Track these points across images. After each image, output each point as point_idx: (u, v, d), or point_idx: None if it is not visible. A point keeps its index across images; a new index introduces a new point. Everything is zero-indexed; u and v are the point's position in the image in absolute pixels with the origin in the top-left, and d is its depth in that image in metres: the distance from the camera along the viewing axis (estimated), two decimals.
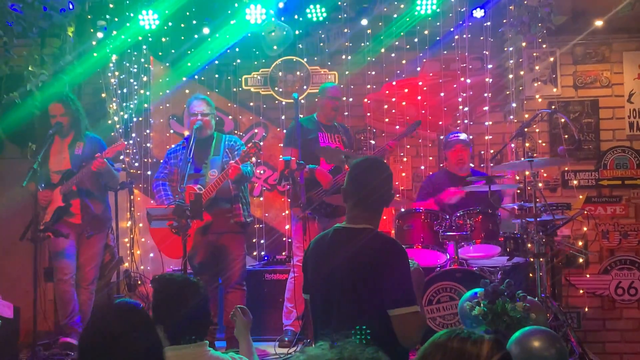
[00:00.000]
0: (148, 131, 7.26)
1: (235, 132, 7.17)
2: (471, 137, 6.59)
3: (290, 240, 6.97)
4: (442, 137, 6.72)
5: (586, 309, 6.52)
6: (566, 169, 6.77)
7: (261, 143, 5.46)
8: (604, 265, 6.69)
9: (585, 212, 6.10)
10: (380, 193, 3.11)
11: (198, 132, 5.57)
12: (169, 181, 5.69)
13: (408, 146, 6.92)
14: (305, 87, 7.22)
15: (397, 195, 6.63)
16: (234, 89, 7.23)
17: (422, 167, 6.93)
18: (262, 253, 6.82)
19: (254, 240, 6.86)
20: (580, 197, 6.64)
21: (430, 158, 6.99)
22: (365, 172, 3.14)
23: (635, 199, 6.75)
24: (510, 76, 6.66)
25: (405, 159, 6.95)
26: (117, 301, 2.43)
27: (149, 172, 7.05)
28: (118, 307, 2.30)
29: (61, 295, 5.55)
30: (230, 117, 7.30)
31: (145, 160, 7.13)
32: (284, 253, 6.74)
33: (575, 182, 6.74)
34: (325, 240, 3.16)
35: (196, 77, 7.27)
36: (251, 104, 7.28)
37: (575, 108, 6.84)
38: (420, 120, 6.21)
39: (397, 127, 6.90)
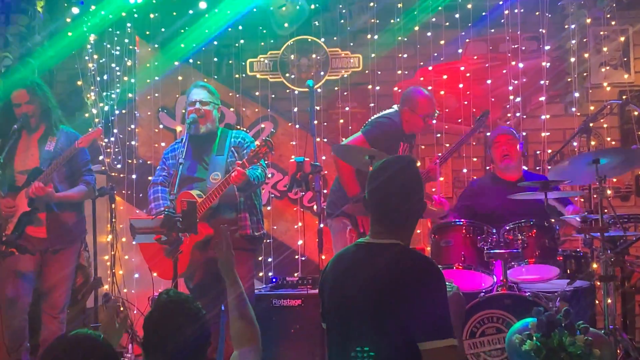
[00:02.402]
0: (133, 126, 7.33)
1: (238, 127, 7.20)
2: (524, 133, 6.61)
3: (304, 258, 7.02)
4: (488, 135, 6.75)
5: None
6: None
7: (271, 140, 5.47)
8: None
9: None
10: (409, 203, 3.13)
11: (194, 126, 5.55)
12: (169, 185, 5.66)
13: (447, 144, 6.95)
14: (322, 73, 7.26)
15: (433, 203, 6.68)
16: (237, 76, 7.29)
17: (465, 170, 6.95)
18: (270, 274, 6.85)
19: (260, 259, 6.90)
20: None
21: (475, 159, 7.01)
22: (390, 176, 3.15)
23: None
24: (572, 60, 6.66)
25: (441, 179, 6.95)
26: (71, 334, 2.39)
27: (133, 176, 7.12)
28: (69, 342, 2.27)
29: (8, 323, 5.47)
30: (232, 109, 7.36)
31: (130, 161, 7.19)
32: (296, 274, 6.75)
33: None
34: (345, 259, 3.18)
35: (191, 61, 7.33)
36: (257, 93, 7.33)
37: None
38: (488, 110, 6.17)
39: (434, 121, 6.92)
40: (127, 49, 7.14)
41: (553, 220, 5.41)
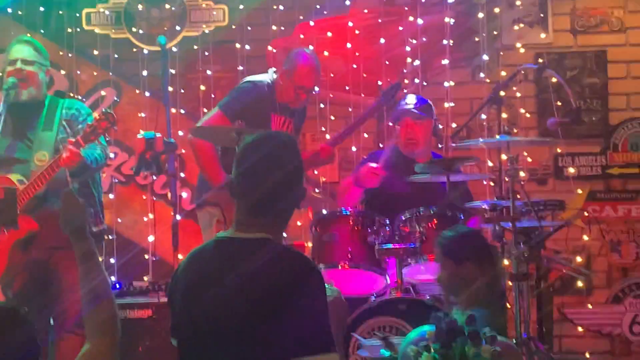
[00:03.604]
0: None
1: (71, 94, 7.08)
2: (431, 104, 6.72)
3: (156, 258, 6.97)
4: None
5: (588, 355, 6.78)
6: (559, 151, 7.00)
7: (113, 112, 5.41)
8: (615, 292, 6.96)
9: (587, 214, 6.30)
10: (284, 189, 3.14)
11: (13, 92, 5.43)
12: None
13: (332, 117, 7.01)
14: (178, 27, 7.22)
15: (317, 191, 6.74)
16: (69, 30, 7.19)
17: (354, 149, 7.02)
18: (113, 279, 6.78)
19: (101, 259, 6.75)
20: (580, 191, 6.85)
21: (366, 135, 7.10)
22: (265, 155, 3.14)
23: None
24: (481, 15, 6.83)
25: (328, 137, 7.02)
26: None
27: None
28: None
29: None
30: (63, 72, 7.25)
31: None
32: (146, 278, 6.70)
33: (572, 170, 6.97)
34: (201, 259, 3.18)
35: (9, 10, 7.16)
36: (95, 52, 7.25)
37: (573, 62, 7.08)
38: (400, 83, 6.25)
39: (317, 88, 6.97)
40: None
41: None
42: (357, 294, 5.47)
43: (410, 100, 6.13)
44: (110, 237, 6.87)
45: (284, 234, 3.28)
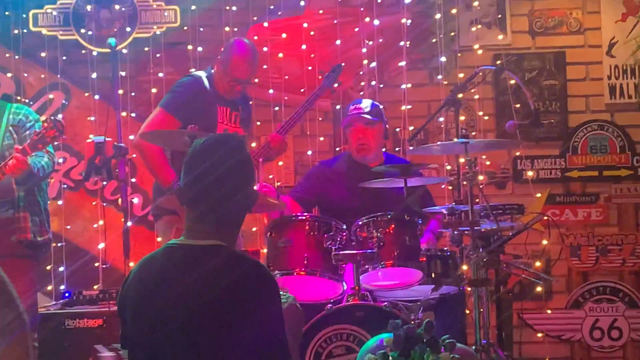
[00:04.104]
0: None
1: (18, 98, 7.03)
2: (382, 107, 6.70)
3: (106, 266, 6.89)
4: (338, 107, 6.81)
5: None
6: (518, 154, 7.03)
7: (61, 118, 5.38)
8: (574, 296, 6.99)
9: (547, 218, 6.30)
10: (235, 194, 3.12)
11: None
12: None
13: None
14: (129, 29, 7.17)
15: (272, 197, 6.69)
16: (16, 31, 7.11)
17: (310, 153, 7.00)
18: (62, 287, 6.71)
19: (49, 268, 6.75)
20: (539, 195, 6.90)
21: (322, 139, 7.07)
22: (215, 160, 3.13)
23: (617, 197, 7.08)
24: (438, 16, 6.84)
25: None
26: None
27: None
28: None
29: None
30: (9, 74, 7.18)
31: None
32: (96, 287, 6.64)
33: (531, 173, 6.99)
34: (152, 266, 3.14)
35: None
36: (43, 54, 7.17)
37: (532, 64, 7.12)
38: (341, 65, 6.21)
39: (271, 91, 6.94)
40: None
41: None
42: (313, 301, 5.43)
43: (361, 105, 6.11)
44: (59, 244, 6.82)
45: (239, 239, 3.20)
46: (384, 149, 6.41)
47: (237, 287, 2.96)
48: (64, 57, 7.17)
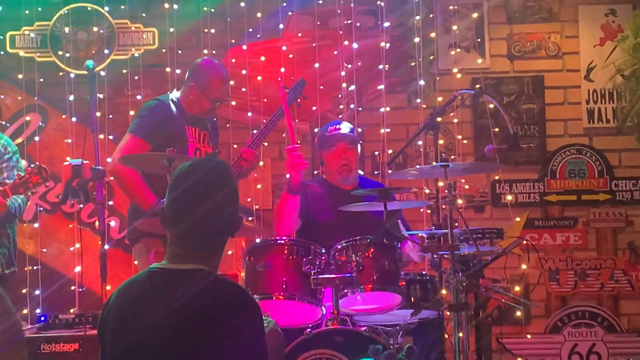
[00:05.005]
0: None
1: None
2: (360, 130, 6.74)
3: (82, 289, 6.89)
4: (316, 130, 6.85)
5: None
6: (497, 177, 7.10)
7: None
8: (553, 321, 7.05)
9: (525, 242, 6.34)
10: (219, 217, 3.14)
11: None
12: None
13: (266, 144, 7.00)
14: (107, 51, 7.19)
15: (250, 219, 6.71)
16: None
17: (288, 176, 7.01)
18: (37, 311, 6.68)
19: (25, 291, 6.75)
20: (518, 219, 6.95)
21: None
22: (196, 182, 3.15)
23: (596, 221, 7.16)
24: (417, 40, 6.88)
25: (261, 163, 7.02)
26: None
27: None
28: None
29: None
30: None
31: None
32: (72, 310, 6.61)
33: (510, 197, 7.05)
34: (133, 290, 3.15)
35: None
36: (20, 76, 7.18)
37: (510, 88, 7.21)
38: (304, 79, 6.17)
39: (250, 114, 6.97)
40: None
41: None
42: (292, 326, 5.43)
43: (340, 126, 6.13)
44: (34, 267, 6.80)
45: (218, 263, 3.23)
46: (360, 172, 6.44)
47: (219, 312, 2.97)
48: (41, 79, 7.17)
